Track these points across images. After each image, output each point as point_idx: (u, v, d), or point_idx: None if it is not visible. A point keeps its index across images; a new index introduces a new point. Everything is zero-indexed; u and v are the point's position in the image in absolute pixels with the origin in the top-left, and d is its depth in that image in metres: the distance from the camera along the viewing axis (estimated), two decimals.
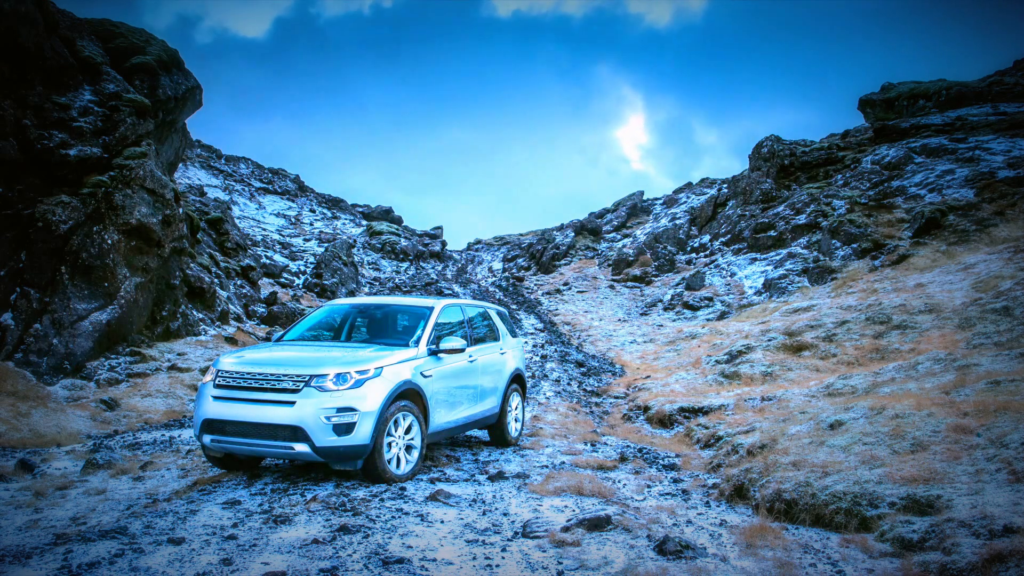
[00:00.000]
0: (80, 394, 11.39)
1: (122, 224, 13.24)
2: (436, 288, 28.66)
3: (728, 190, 34.01)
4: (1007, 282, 12.48)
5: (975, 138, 23.55)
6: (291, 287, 25.33)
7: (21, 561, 4.32)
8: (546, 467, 7.75)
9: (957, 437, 6.14)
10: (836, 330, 13.56)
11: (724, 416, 10.13)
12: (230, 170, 41.65)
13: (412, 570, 4.23)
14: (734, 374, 12.84)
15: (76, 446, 8.79)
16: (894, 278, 16.44)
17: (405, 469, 6.55)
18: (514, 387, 9.00)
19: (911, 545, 4.71)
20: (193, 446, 8.46)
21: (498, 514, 5.49)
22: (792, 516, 5.66)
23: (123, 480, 6.83)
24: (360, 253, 34.13)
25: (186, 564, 4.26)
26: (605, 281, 30.37)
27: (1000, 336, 10.39)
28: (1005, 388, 7.49)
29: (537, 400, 12.95)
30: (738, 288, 23.11)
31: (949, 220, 18.62)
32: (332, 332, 8.09)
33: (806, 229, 23.86)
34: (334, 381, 6.09)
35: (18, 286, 11.76)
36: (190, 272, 16.20)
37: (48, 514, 5.60)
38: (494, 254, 42.27)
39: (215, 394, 6.32)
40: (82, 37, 15.07)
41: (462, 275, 34.40)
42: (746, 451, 7.62)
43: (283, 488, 6.12)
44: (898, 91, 29.37)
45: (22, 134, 12.50)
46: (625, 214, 41.93)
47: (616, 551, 4.64)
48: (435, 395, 7.06)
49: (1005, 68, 29.20)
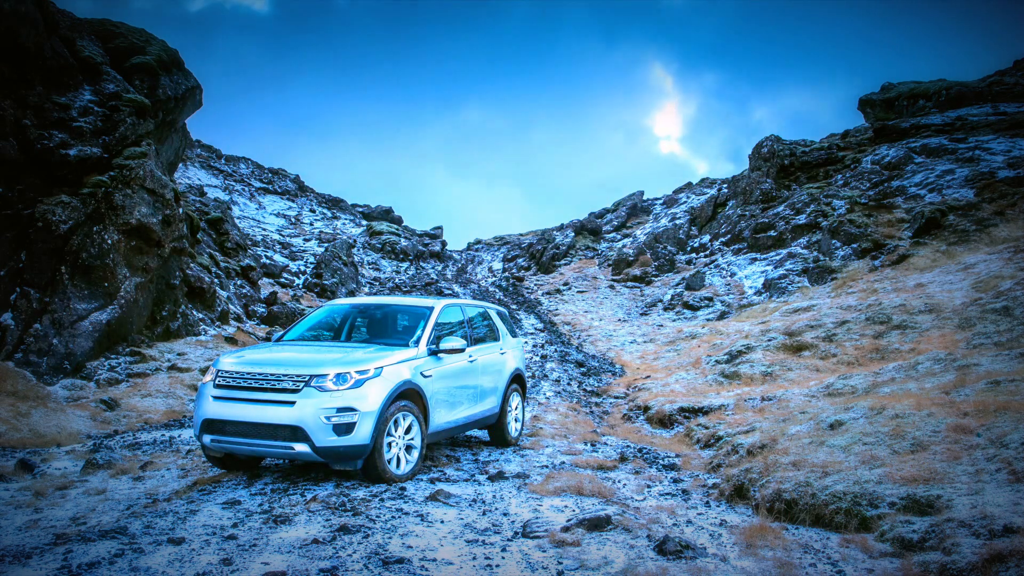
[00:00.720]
0: (80, 394, 11.39)
1: (122, 224, 13.24)
2: (436, 288, 28.66)
3: (728, 190, 34.01)
4: (1007, 282, 12.48)
5: (975, 138, 23.55)
6: (291, 287, 25.33)
7: (21, 561, 4.32)
8: (546, 467, 7.75)
9: (957, 437, 6.14)
10: (836, 330, 13.56)
11: (724, 416, 10.13)
12: (230, 170, 41.65)
13: (412, 570, 4.23)
14: (734, 374, 12.84)
15: (76, 446, 8.79)
16: (894, 278, 16.44)
17: (405, 469, 6.55)
18: (514, 387, 9.00)
19: (911, 545, 4.71)
20: (193, 446, 8.46)
21: (498, 514, 5.49)
22: (792, 516, 5.66)
23: (123, 480, 6.83)
24: (360, 253, 34.13)
25: (186, 564, 4.26)
26: (605, 281, 30.37)
27: (1000, 336, 10.39)
28: (1005, 388, 7.49)
29: (537, 400, 12.95)
30: (738, 288, 23.11)
31: (949, 220, 18.62)
32: (332, 332, 8.08)
33: (806, 229, 23.86)
34: (334, 381, 6.09)
35: (18, 286, 11.77)
36: (190, 272, 16.20)
37: (48, 514, 5.60)
38: (494, 254, 42.27)
39: (215, 394, 6.32)
40: (82, 37, 15.07)
41: (462, 275, 34.40)
42: (746, 451, 7.63)
43: (283, 488, 6.12)
44: (898, 91, 29.38)
45: (22, 134, 12.50)
46: (625, 214, 41.94)
47: (616, 551, 4.64)
48: (435, 395, 7.06)
49: (1005, 68, 29.20)
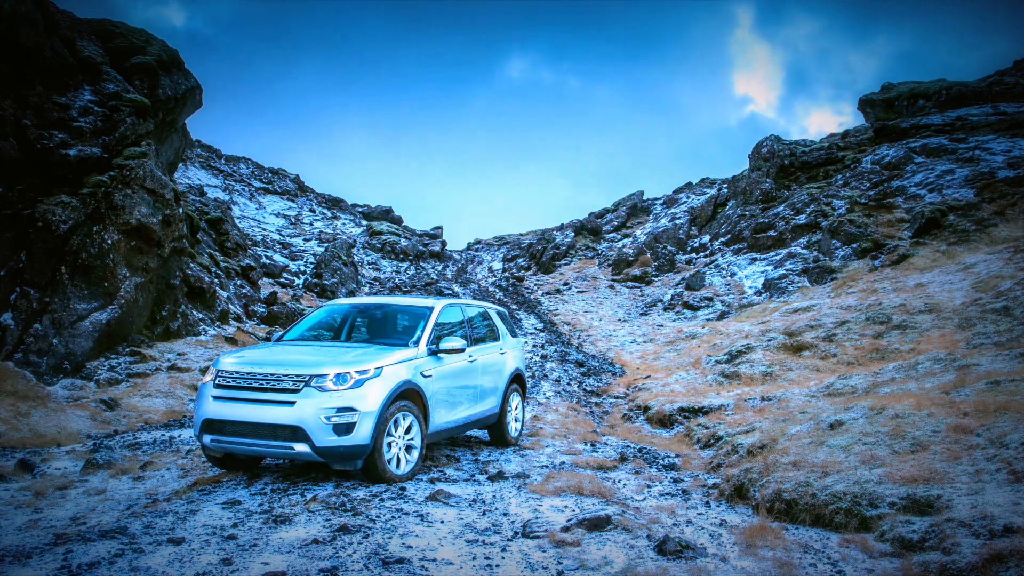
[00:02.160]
0: (80, 394, 11.39)
1: (122, 224, 13.24)
2: (436, 288, 28.66)
3: (728, 190, 34.02)
4: (1007, 282, 12.48)
5: (975, 138, 23.55)
6: (291, 287, 25.33)
7: (21, 561, 4.32)
8: (546, 467, 7.75)
9: (957, 437, 6.14)
10: (836, 330, 13.56)
11: (724, 416, 10.12)
12: (230, 170, 41.66)
13: (412, 570, 4.23)
14: (734, 374, 12.84)
15: (76, 446, 8.79)
16: (894, 278, 16.44)
17: (405, 469, 6.55)
18: (514, 387, 9.00)
19: (911, 545, 4.71)
20: (193, 446, 8.46)
21: (498, 514, 5.49)
22: (792, 516, 5.66)
23: (123, 480, 6.83)
24: (360, 253, 34.14)
25: (186, 564, 4.26)
26: (605, 281, 30.38)
27: (1000, 336, 10.39)
28: (1005, 388, 7.49)
29: (537, 400, 12.94)
30: (738, 288, 23.11)
31: (949, 220, 18.62)
32: (332, 332, 8.08)
33: (806, 229, 23.86)
34: (334, 381, 6.09)
35: (18, 286, 11.77)
36: (190, 272, 16.20)
37: (48, 514, 5.60)
38: (494, 254, 42.29)
39: (215, 394, 6.32)
40: (82, 37, 15.07)
41: (462, 275, 34.40)
42: (746, 451, 7.63)
43: (283, 488, 6.12)
44: (898, 91, 29.39)
45: (22, 134, 12.50)
46: (625, 214, 41.94)
47: (616, 551, 4.64)
48: (435, 395, 7.06)
49: (1005, 68, 29.22)
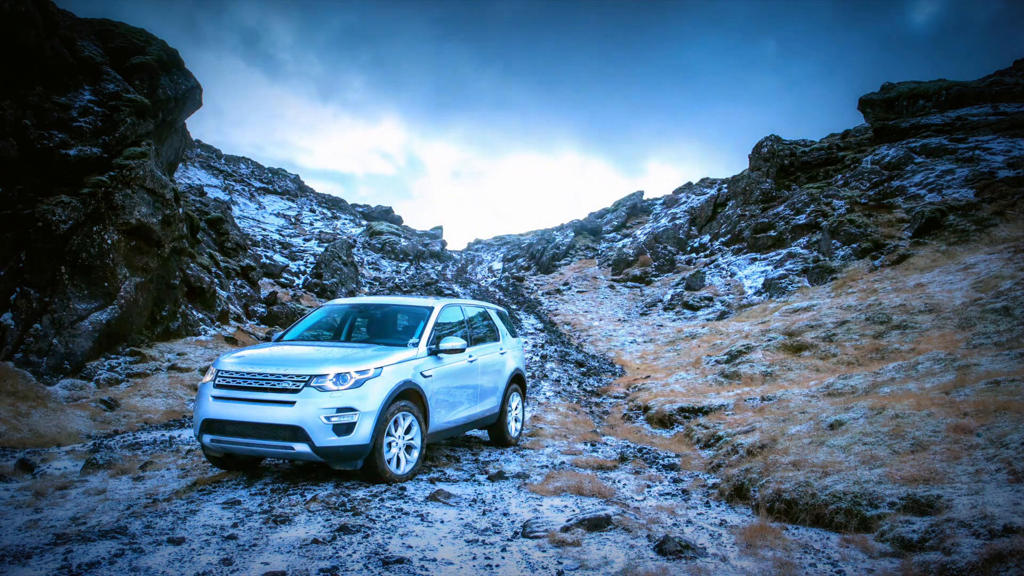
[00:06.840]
0: (80, 394, 11.39)
1: (122, 224, 13.24)
2: (436, 288, 28.66)
3: (728, 190, 34.02)
4: (1007, 282, 12.48)
5: (975, 138, 23.56)
6: (291, 287, 25.34)
7: (21, 561, 4.32)
8: (546, 467, 7.75)
9: (957, 437, 6.14)
10: (836, 330, 13.56)
11: (724, 416, 10.12)
12: (230, 170, 41.67)
13: (412, 570, 4.23)
14: (734, 374, 12.84)
15: (76, 446, 8.79)
16: (894, 278, 16.44)
17: (405, 469, 6.55)
18: (514, 387, 9.00)
19: (911, 545, 4.71)
20: (193, 446, 8.46)
21: (498, 514, 5.49)
22: (792, 516, 5.66)
23: (123, 480, 6.83)
24: (360, 253, 34.15)
25: (186, 564, 4.26)
26: (605, 281, 30.39)
27: (1000, 336, 10.39)
28: (1005, 388, 7.49)
29: (537, 400, 12.94)
30: (738, 288, 23.11)
31: (949, 220, 18.62)
32: (332, 332, 8.08)
33: (806, 229, 23.86)
34: (334, 381, 6.09)
35: (18, 286, 11.77)
36: (190, 272, 16.20)
37: (48, 514, 5.60)
38: (494, 254, 42.31)
39: (215, 394, 6.32)
40: (82, 37, 15.08)
41: (462, 275, 34.41)
42: (746, 451, 7.63)
43: (283, 488, 6.12)
44: (898, 91, 29.40)
45: (22, 134, 12.51)
46: (625, 214, 41.96)
47: (616, 551, 4.64)
48: (435, 395, 7.06)
49: (1005, 68, 29.23)
